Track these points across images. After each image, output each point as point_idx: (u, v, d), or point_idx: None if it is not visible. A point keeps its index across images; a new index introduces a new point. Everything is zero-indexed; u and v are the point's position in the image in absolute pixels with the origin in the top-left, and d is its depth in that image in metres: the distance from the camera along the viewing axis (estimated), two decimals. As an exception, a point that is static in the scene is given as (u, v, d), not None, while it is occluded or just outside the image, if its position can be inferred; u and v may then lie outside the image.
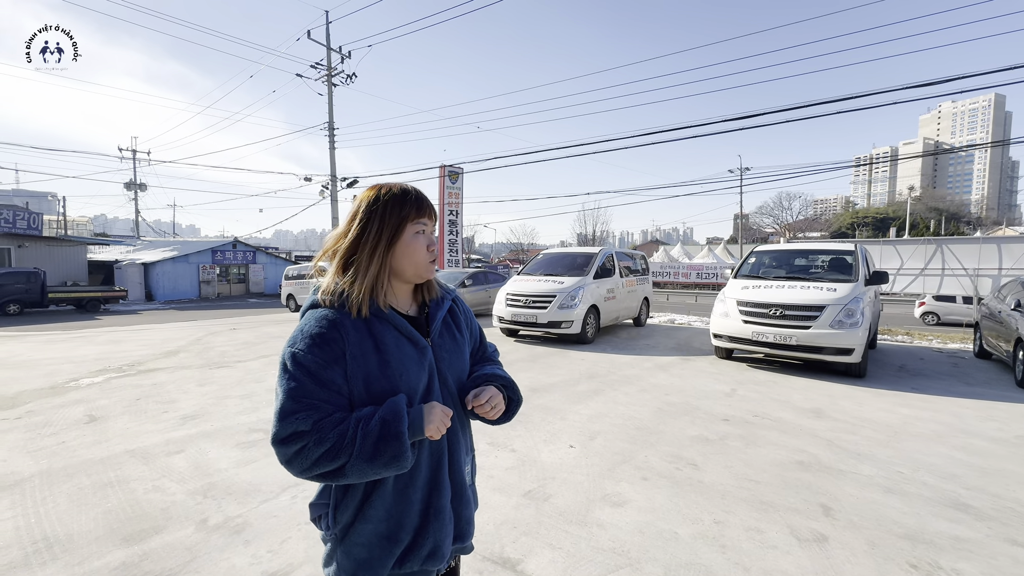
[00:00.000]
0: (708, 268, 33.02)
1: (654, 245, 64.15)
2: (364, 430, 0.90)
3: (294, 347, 0.94)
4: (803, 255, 7.78)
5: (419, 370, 1.02)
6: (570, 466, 3.36)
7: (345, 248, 1.01)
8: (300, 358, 0.92)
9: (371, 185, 1.06)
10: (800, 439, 3.96)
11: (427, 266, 1.06)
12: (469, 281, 12.47)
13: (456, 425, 1.09)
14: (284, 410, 0.90)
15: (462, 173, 23.23)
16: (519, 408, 1.23)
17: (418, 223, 1.04)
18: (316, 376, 0.92)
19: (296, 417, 0.89)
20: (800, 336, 6.04)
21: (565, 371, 6.38)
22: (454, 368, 1.12)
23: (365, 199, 1.03)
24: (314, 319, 0.96)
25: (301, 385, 0.91)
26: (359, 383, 0.95)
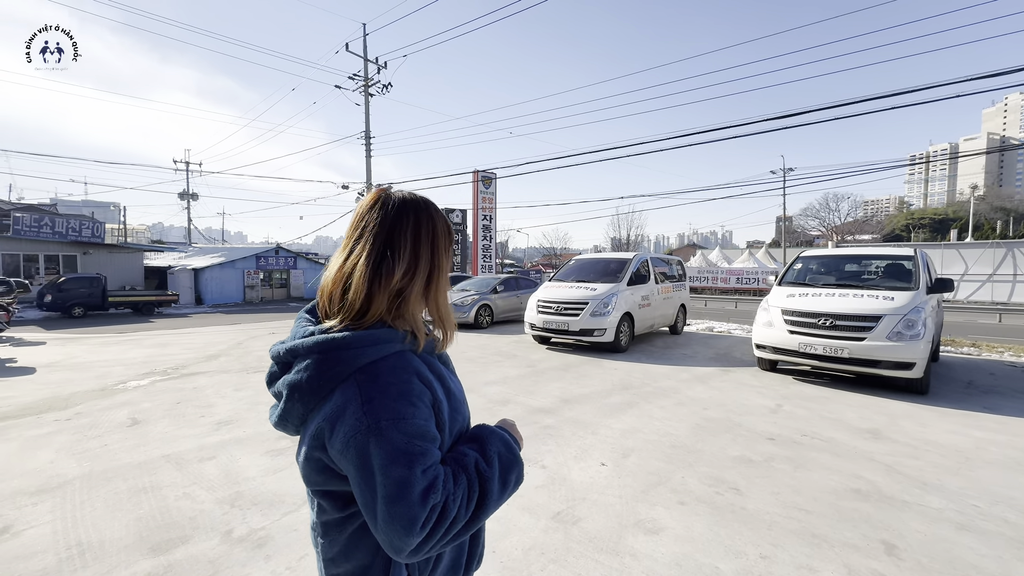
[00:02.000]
0: (749, 273, 31.78)
1: (691, 249, 62.38)
2: (487, 472, 0.82)
3: (386, 410, 0.74)
4: (855, 261, 7.27)
5: (466, 407, 0.96)
6: (601, 486, 3.19)
7: (419, 284, 0.85)
8: (408, 425, 0.74)
9: (424, 201, 0.90)
10: (856, 463, 3.63)
11: None
12: (501, 287, 12.41)
13: None
14: (413, 489, 0.71)
15: (495, 178, 23.30)
16: None
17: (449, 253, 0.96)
18: (431, 436, 0.77)
19: (429, 490, 0.72)
20: (853, 348, 5.61)
21: (597, 381, 6.18)
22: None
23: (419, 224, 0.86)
24: (399, 368, 0.78)
25: (426, 452, 0.74)
26: (443, 428, 0.82)
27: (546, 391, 5.65)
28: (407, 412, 0.73)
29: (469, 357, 7.76)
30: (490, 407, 4.99)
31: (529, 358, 7.77)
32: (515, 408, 4.96)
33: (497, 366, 7.10)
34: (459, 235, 23.17)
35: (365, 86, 21.42)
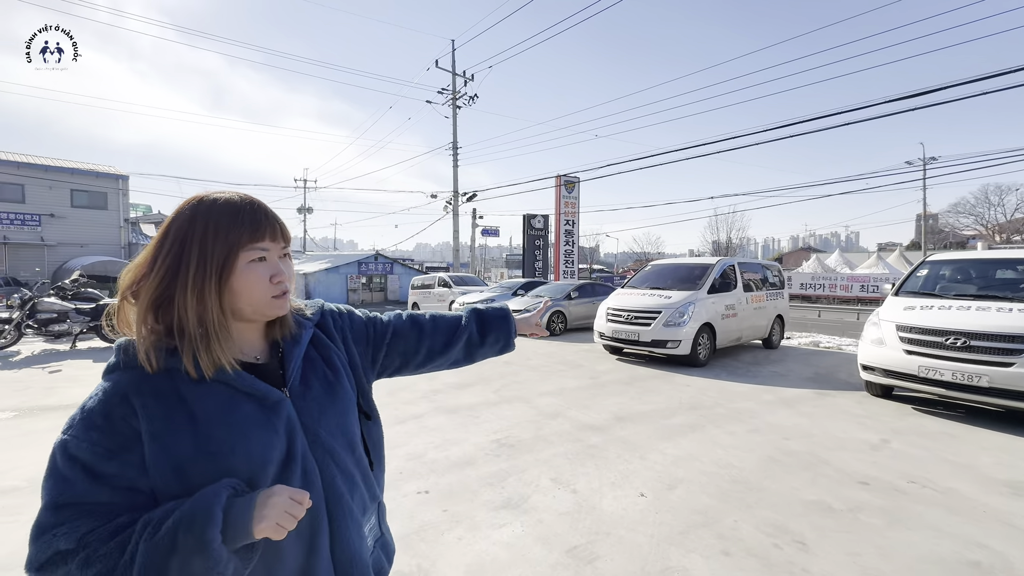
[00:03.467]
0: (875, 279, 27.60)
1: (805, 253, 55.87)
2: (150, 542, 0.65)
3: (67, 432, 0.72)
4: (1002, 266, 5.85)
5: (268, 435, 0.78)
6: (633, 520, 2.83)
7: (154, 286, 0.76)
8: (72, 447, 0.71)
9: (191, 196, 0.82)
10: (980, 526, 2.83)
11: (271, 303, 0.82)
12: (575, 293, 12.08)
13: (341, 487, 0.85)
14: (40, 525, 0.69)
15: (578, 182, 22.92)
16: (504, 324, 1.25)
17: (254, 248, 0.80)
18: (92, 471, 0.70)
19: (55, 533, 0.67)
20: (995, 376, 4.48)
21: (663, 398, 5.65)
22: (330, 418, 0.87)
23: (177, 218, 0.78)
24: (100, 389, 0.75)
25: (69, 486, 0.69)
26: (165, 471, 0.71)
27: (602, 406, 5.29)
28: (79, 434, 0.72)
29: (532, 365, 7.60)
30: (537, 420, 4.78)
31: (594, 369, 7.39)
32: (563, 423, 4.69)
33: (558, 376, 6.85)
34: (541, 241, 23.10)
35: (453, 99, 22.35)
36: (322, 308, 1.01)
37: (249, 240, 0.79)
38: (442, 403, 5.33)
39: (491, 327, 1.22)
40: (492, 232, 30.80)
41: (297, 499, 0.71)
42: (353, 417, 0.93)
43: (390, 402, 5.34)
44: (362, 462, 0.93)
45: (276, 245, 0.84)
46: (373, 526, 0.97)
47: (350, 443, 0.90)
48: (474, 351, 1.22)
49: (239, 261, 0.79)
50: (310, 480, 0.81)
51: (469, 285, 17.24)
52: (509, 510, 2.96)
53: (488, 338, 1.22)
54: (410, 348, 1.11)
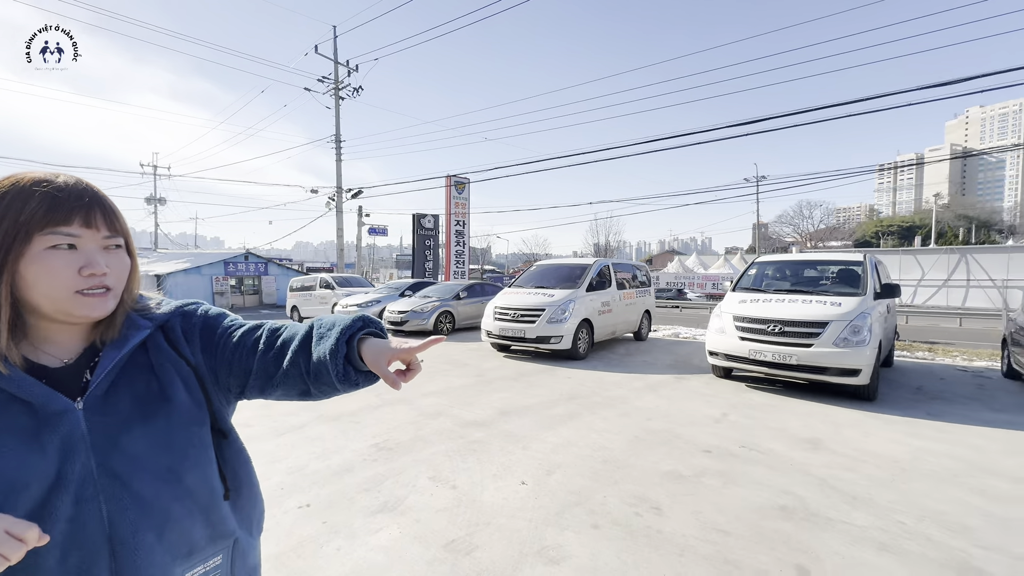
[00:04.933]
0: (722, 278, 32.12)
1: (670, 255, 63.06)
2: None
3: None
4: (809, 266, 7.24)
5: (27, 452, 0.66)
6: (513, 508, 2.95)
7: None
8: None
9: (6, 176, 0.71)
10: (789, 476, 3.47)
11: (75, 300, 0.70)
12: (464, 293, 12.16)
13: (134, 523, 0.71)
14: None
15: (468, 183, 23.08)
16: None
17: (55, 233, 0.68)
18: None
19: None
20: (801, 355, 5.52)
21: (546, 391, 5.96)
22: (139, 438, 0.74)
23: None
24: None
25: None
26: None
27: (487, 402, 5.41)
28: None
29: (421, 366, 7.47)
30: (418, 421, 4.72)
31: (481, 367, 7.52)
32: (445, 421, 4.70)
33: (443, 375, 6.83)
34: (432, 241, 22.83)
35: (335, 89, 21.04)
36: (180, 308, 0.88)
37: (48, 223, 0.68)
38: (324, 411, 5.00)
39: (322, 351, 0.82)
40: (380, 231, 29.61)
41: (16, 534, 0.57)
42: (188, 437, 0.80)
43: (269, 413, 4.86)
44: (197, 492, 0.79)
45: (94, 233, 0.72)
46: (216, 569, 0.81)
47: (174, 469, 0.76)
48: (309, 382, 0.84)
49: (33, 246, 0.68)
50: (84, 513, 0.68)
51: (355, 286, 16.37)
52: (386, 513, 2.89)
53: (319, 366, 0.82)
54: (249, 368, 0.86)
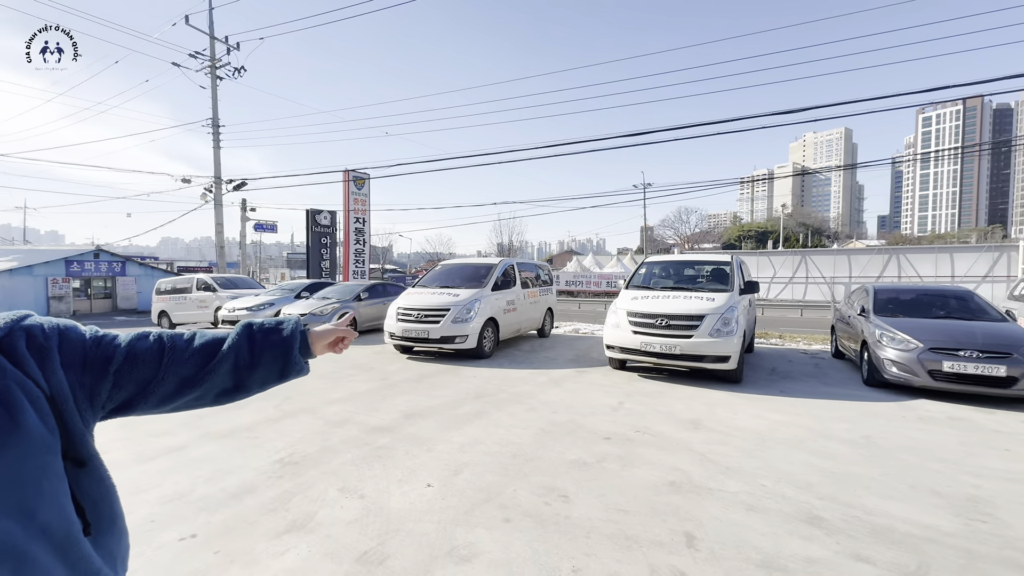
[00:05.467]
0: (616, 276, 34.60)
1: (568, 255, 66.41)
2: None
3: None
4: (688, 266, 8.10)
5: None
6: (421, 512, 2.90)
7: None
8: None
9: None
10: (676, 455, 3.86)
11: None
12: (365, 294, 11.63)
13: None
14: None
15: (369, 179, 22.09)
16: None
17: None
18: None
19: None
20: (683, 345, 6.16)
21: (451, 391, 5.94)
22: None
23: None
24: None
25: None
26: None
27: (391, 406, 5.25)
28: None
29: (320, 373, 7.00)
30: (325, 431, 4.43)
31: (385, 370, 7.26)
32: (352, 429, 4.47)
33: (348, 381, 6.49)
34: (328, 239, 21.44)
35: (212, 67, 18.80)
36: (14, 323, 0.75)
37: None
38: (210, 428, 4.46)
39: (274, 341, 0.98)
40: (268, 227, 27.08)
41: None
42: (42, 467, 0.69)
43: (131, 436, 4.20)
44: (53, 529, 0.69)
45: None
46: None
47: (26, 505, 0.66)
48: (246, 378, 0.96)
49: None
50: None
51: (240, 288, 14.79)
52: (294, 533, 2.67)
53: (263, 357, 0.97)
54: (151, 376, 0.86)
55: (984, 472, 3.58)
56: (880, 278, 17.73)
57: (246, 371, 0.96)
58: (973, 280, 16.19)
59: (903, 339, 5.92)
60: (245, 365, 0.95)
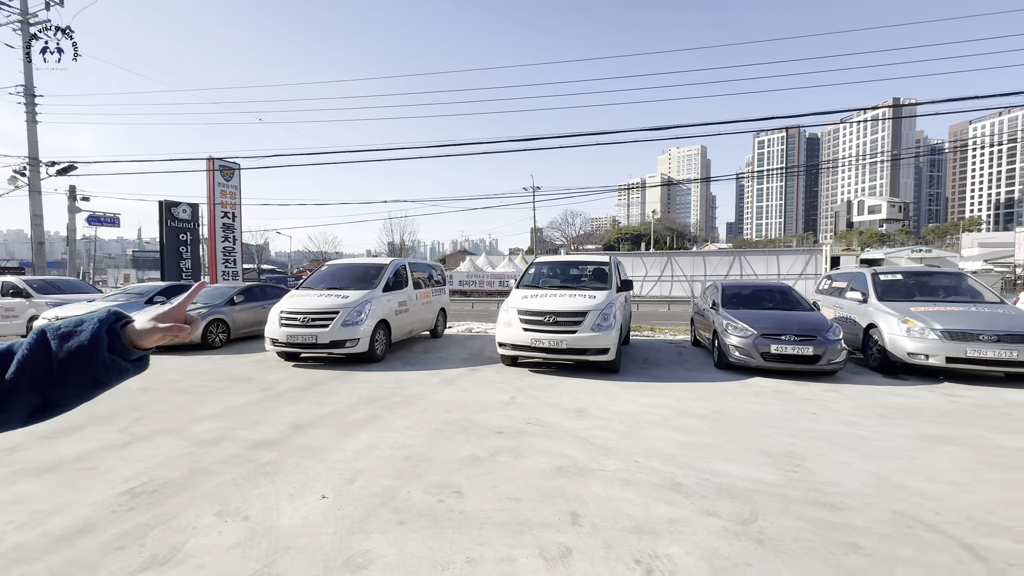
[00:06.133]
0: (508, 276, 35.60)
1: (462, 255, 66.63)
2: None
3: None
4: (573, 266, 8.71)
5: None
6: (315, 525, 2.78)
7: None
8: None
9: None
10: (563, 442, 4.18)
11: None
12: (240, 297, 10.49)
13: None
14: None
15: (239, 169, 19.90)
16: None
17: None
18: None
19: None
20: (569, 340, 6.64)
21: (343, 398, 5.68)
22: None
23: None
24: None
25: None
26: None
27: (278, 418, 4.87)
28: None
29: (183, 388, 6.18)
30: (194, 451, 3.97)
31: (267, 380, 6.68)
32: (230, 446, 4.07)
33: (220, 394, 5.84)
34: (189, 235, 18.83)
35: (23, 22, 15.36)
36: None
37: None
38: (25, 463, 3.70)
39: (72, 348, 0.81)
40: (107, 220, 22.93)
41: None
42: None
43: None
44: None
45: None
46: None
47: None
48: (53, 393, 0.80)
49: None
50: None
51: (67, 292, 12.33)
52: (154, 569, 2.38)
53: (66, 367, 0.80)
54: None
55: (798, 432, 4.45)
56: (727, 276, 20.86)
57: (50, 386, 0.80)
58: (792, 277, 19.83)
59: (742, 327, 7.06)
60: (47, 380, 0.80)
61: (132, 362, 0.88)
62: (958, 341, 6.37)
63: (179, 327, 0.89)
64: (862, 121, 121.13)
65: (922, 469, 3.61)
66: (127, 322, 0.89)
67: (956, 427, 4.63)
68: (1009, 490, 3.26)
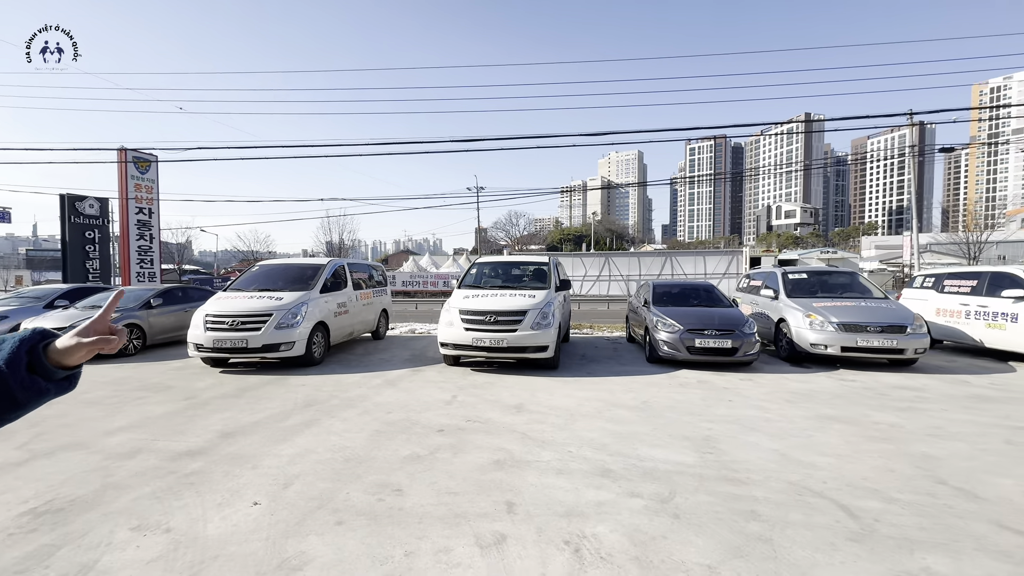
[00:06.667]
0: (453, 277, 35.40)
1: (405, 255, 65.36)
2: None
3: None
4: (514, 266, 8.91)
5: None
6: (247, 532, 2.72)
7: None
8: None
9: None
10: (501, 437, 4.31)
11: None
12: (158, 300, 9.73)
13: None
14: None
15: (156, 161, 18.40)
16: None
17: None
18: None
19: None
20: (509, 339, 6.80)
21: (278, 403, 5.49)
22: None
23: None
24: None
25: None
26: None
27: (203, 427, 4.63)
28: None
29: (91, 399, 5.69)
30: (106, 465, 3.70)
31: (192, 388, 6.29)
32: (149, 458, 3.83)
33: (136, 405, 5.44)
34: (97, 232, 17.13)
35: None
36: None
37: None
38: None
39: None
40: (-5, 215, 20.32)
41: None
42: None
43: None
44: None
45: None
46: None
47: None
48: None
49: None
50: None
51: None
52: (62, 590, 2.24)
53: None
54: None
55: (715, 418, 4.88)
56: (660, 275, 22.12)
57: None
58: (717, 276, 21.37)
59: (670, 323, 7.57)
60: None
61: (56, 382, 0.86)
62: (851, 332, 7.21)
63: (104, 339, 0.87)
64: (779, 133, 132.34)
65: (815, 445, 4.10)
66: (51, 341, 0.86)
67: (845, 408, 5.28)
68: (881, 459, 3.79)
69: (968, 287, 8.70)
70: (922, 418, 4.89)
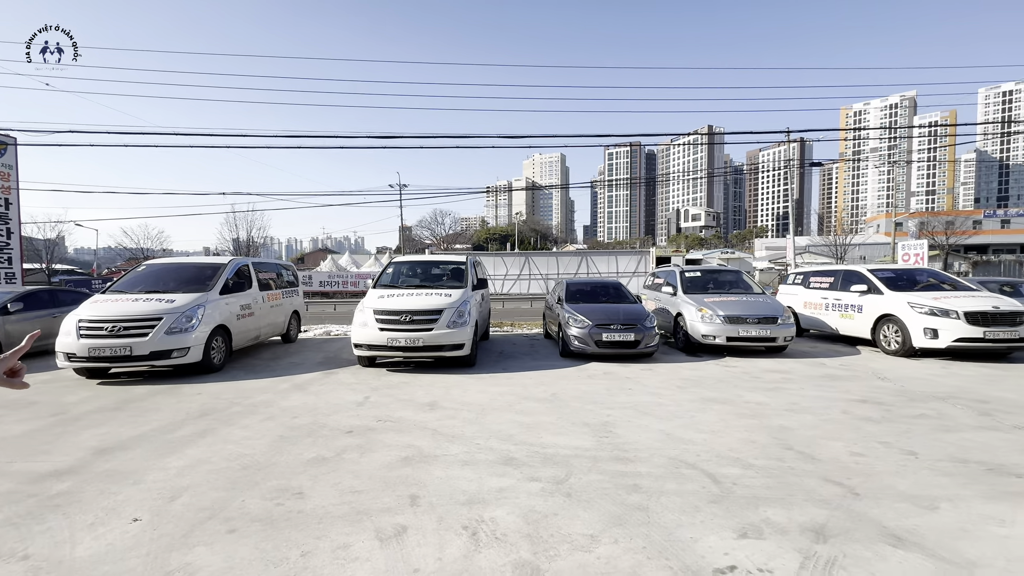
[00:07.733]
0: (374, 276, 34.30)
1: (323, 253, 62.02)
2: None
3: None
4: (432, 265, 8.92)
5: None
6: (124, 549, 2.55)
7: None
8: None
9: None
10: (412, 435, 4.36)
11: None
12: (16, 305, 8.47)
13: None
14: None
15: (15, 144, 15.94)
16: None
17: None
18: None
19: None
20: (425, 338, 6.83)
21: (167, 414, 5.07)
22: None
23: None
24: None
25: None
26: None
27: (73, 444, 4.18)
28: None
29: (-73, 421, 4.87)
30: (-56, 494, 3.23)
31: (61, 402, 5.60)
32: (3, 482, 3.40)
33: (-12, 425, 4.75)
34: (-66, 225, 14.42)
35: None
36: None
37: None
38: None
39: None
40: None
41: None
42: None
43: None
44: None
45: None
46: None
47: None
48: None
49: None
50: None
51: None
52: None
53: None
54: None
55: (615, 405, 5.29)
56: (576, 274, 23.22)
57: None
58: (628, 275, 22.86)
59: (581, 319, 8.03)
60: None
61: None
62: (734, 324, 8.13)
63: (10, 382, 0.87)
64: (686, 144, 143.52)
65: (696, 424, 4.62)
66: None
67: (725, 390, 5.97)
68: (746, 432, 4.37)
69: (827, 283, 10.15)
70: (784, 396, 5.68)
